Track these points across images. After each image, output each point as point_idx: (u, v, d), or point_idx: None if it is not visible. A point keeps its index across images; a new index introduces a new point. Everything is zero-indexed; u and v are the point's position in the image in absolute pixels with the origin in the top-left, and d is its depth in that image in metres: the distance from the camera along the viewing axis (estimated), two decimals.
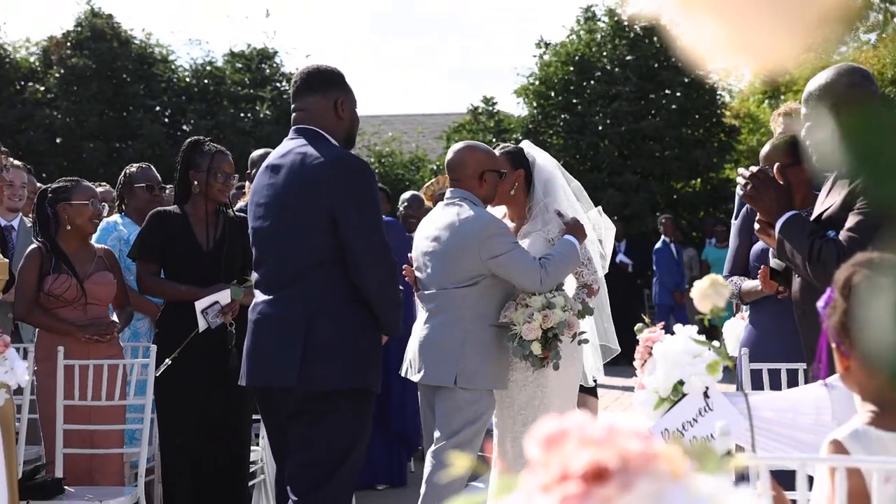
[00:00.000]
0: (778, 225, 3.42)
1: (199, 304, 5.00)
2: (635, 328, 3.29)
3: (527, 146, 5.22)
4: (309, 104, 4.08)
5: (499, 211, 5.16)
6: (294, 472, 3.93)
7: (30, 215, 6.00)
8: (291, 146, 4.03)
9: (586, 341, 4.98)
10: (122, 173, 6.13)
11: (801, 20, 0.96)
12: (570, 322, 4.74)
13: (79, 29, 18.40)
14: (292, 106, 4.16)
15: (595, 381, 5.51)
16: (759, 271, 4.33)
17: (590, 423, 1.05)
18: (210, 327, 4.99)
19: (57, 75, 18.24)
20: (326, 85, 4.09)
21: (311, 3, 60.21)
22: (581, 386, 5.19)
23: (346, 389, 3.89)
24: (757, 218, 3.57)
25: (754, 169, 3.58)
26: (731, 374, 5.00)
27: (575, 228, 4.88)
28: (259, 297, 4.04)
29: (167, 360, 4.97)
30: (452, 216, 4.78)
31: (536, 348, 4.72)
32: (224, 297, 5.02)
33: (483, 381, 4.72)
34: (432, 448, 4.73)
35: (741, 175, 3.57)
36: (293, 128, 4.11)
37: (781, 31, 0.96)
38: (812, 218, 3.51)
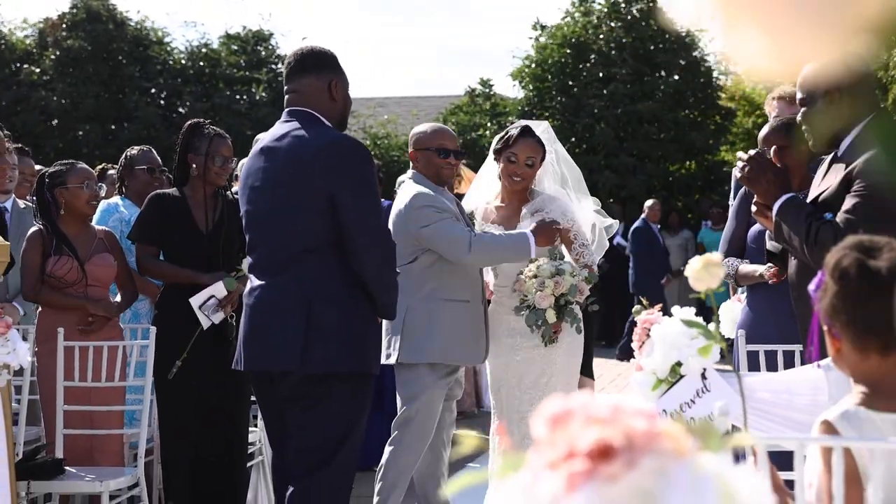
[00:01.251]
0: (775, 207, 3.44)
1: (195, 301, 5.00)
2: (633, 310, 3.32)
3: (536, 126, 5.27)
4: (303, 86, 4.03)
5: (490, 191, 5.22)
6: (294, 457, 3.92)
7: (26, 197, 6.02)
8: (286, 129, 3.98)
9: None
10: (123, 155, 6.15)
11: (841, 27, 0.98)
12: (580, 287, 4.81)
13: (74, 10, 18.36)
14: (285, 87, 4.11)
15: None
16: (770, 273, 4.33)
17: (595, 402, 1.08)
18: (213, 323, 5.02)
19: (52, 57, 18.20)
20: (320, 66, 4.05)
21: None
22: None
23: (347, 373, 3.89)
24: (754, 200, 3.59)
25: (752, 152, 3.60)
26: (727, 356, 5.03)
27: (541, 229, 4.90)
28: (254, 281, 4.01)
29: (177, 363, 5.00)
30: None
31: (551, 315, 4.78)
32: (218, 290, 5.03)
33: (425, 356, 4.81)
34: None
35: (739, 158, 3.59)
36: (286, 110, 4.06)
37: (821, 38, 0.98)
38: (808, 200, 3.53)
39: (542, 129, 5.31)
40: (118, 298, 5.40)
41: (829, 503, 1.95)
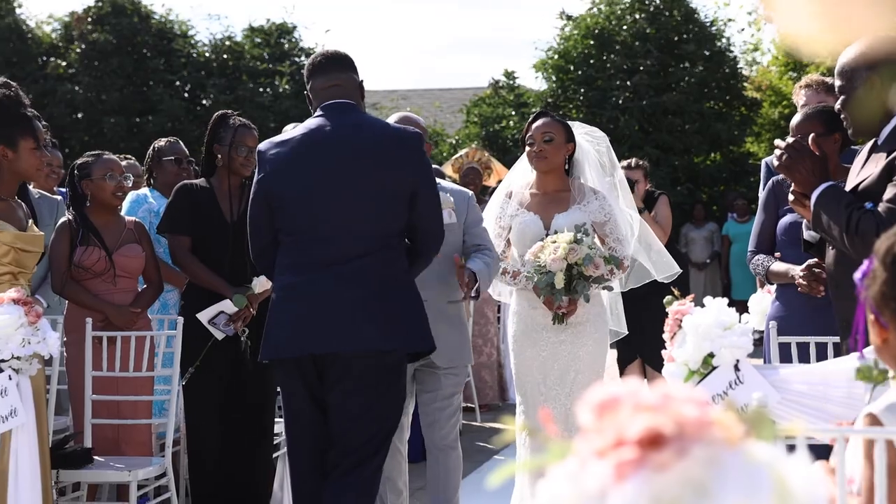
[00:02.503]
0: (814, 196, 3.39)
1: (203, 317, 5.03)
2: (664, 301, 3.29)
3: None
4: (343, 80, 4.11)
5: (522, 177, 5.20)
6: (351, 442, 3.93)
7: (54, 189, 6.06)
8: (343, 120, 4.01)
9: (610, 289, 5.01)
10: (151, 147, 6.18)
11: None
12: (595, 262, 4.77)
13: (100, 4, 18.41)
14: (317, 83, 4.10)
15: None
16: (801, 280, 4.30)
17: (643, 389, 1.06)
18: (227, 335, 5.04)
19: (78, 50, 18.27)
20: (351, 66, 4.19)
21: None
22: None
23: (421, 353, 4.14)
24: (791, 189, 3.54)
25: (790, 139, 3.55)
26: (759, 348, 5.00)
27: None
28: (315, 271, 3.94)
29: (190, 369, 5.04)
30: None
31: (559, 280, 4.75)
32: (227, 306, 5.04)
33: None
34: None
35: (777, 145, 3.54)
36: (334, 101, 4.06)
37: (874, 9, 0.96)
38: (847, 189, 3.48)
39: (584, 131, 5.33)
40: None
41: (869, 496, 1.92)
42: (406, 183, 3.96)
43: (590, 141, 5.32)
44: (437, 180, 4.79)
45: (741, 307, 4.92)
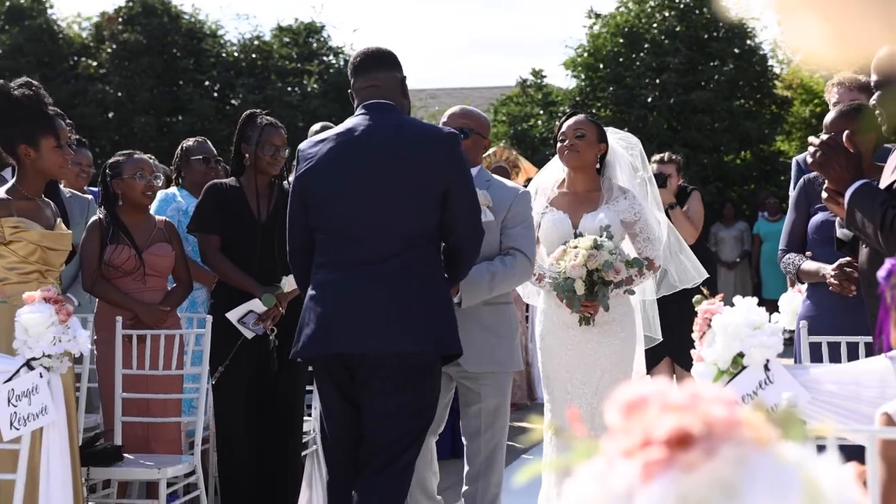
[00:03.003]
0: (848, 193, 3.35)
1: (232, 316, 5.04)
2: (693, 300, 3.27)
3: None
4: (381, 80, 4.09)
5: (552, 175, 5.19)
6: (384, 440, 3.93)
7: (84, 188, 6.10)
8: (381, 120, 4.01)
9: (632, 292, 4.97)
10: (179, 147, 6.22)
11: None
12: (616, 267, 4.74)
13: (130, 4, 18.53)
14: (358, 83, 4.11)
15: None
16: (833, 281, 4.26)
17: (671, 389, 1.05)
18: (257, 334, 5.05)
19: (109, 51, 18.40)
20: (393, 64, 4.15)
21: None
22: None
23: (450, 356, 4.06)
24: (825, 186, 3.50)
25: (824, 136, 3.52)
26: (790, 348, 4.96)
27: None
28: (340, 270, 3.95)
29: (220, 368, 5.05)
30: None
31: (579, 286, 4.72)
32: (256, 305, 5.05)
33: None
34: None
35: (811, 142, 3.51)
36: (371, 102, 4.06)
37: (886, 26, 0.95)
38: (881, 187, 3.44)
39: (618, 136, 5.31)
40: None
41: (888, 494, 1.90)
42: (439, 183, 3.94)
43: (624, 146, 5.30)
44: (499, 178, 4.76)
45: (771, 306, 4.88)
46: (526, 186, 5.42)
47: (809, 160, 3.55)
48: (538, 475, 1.03)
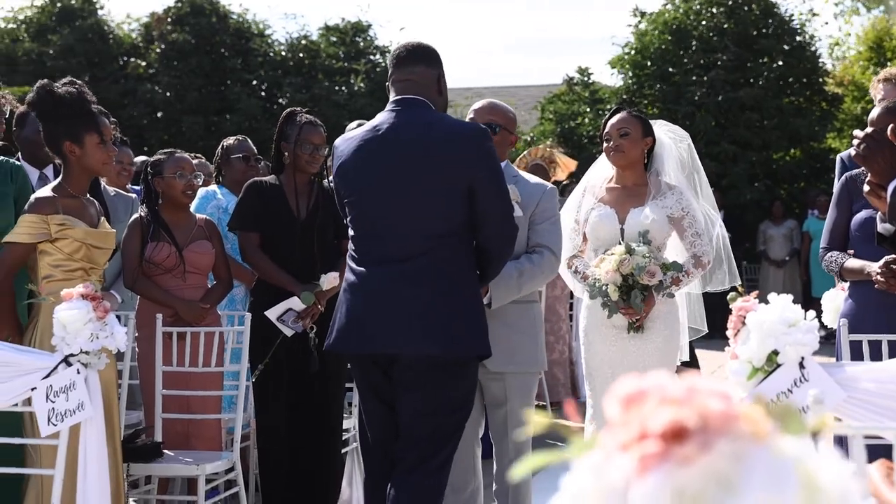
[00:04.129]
0: (891, 187, 3.30)
1: (271, 314, 5.05)
2: (728, 297, 3.23)
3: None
4: (417, 74, 4.05)
5: (600, 173, 5.15)
6: (416, 438, 3.92)
7: (126, 186, 6.17)
8: (412, 117, 3.98)
9: (671, 296, 4.91)
10: (220, 145, 6.26)
11: None
12: (650, 270, 4.70)
13: (179, 5, 18.70)
14: (395, 76, 4.09)
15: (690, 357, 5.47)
16: (879, 277, 4.19)
17: (671, 382, 1.03)
18: (297, 332, 5.07)
19: (158, 51, 18.59)
20: (432, 59, 4.11)
21: None
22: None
23: (477, 357, 4.00)
24: (867, 179, 3.45)
25: (869, 129, 3.46)
26: (829, 346, 4.89)
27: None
28: (372, 266, 3.94)
29: (259, 366, 5.08)
30: None
31: (613, 292, 4.70)
32: (295, 303, 5.06)
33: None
34: None
35: (854, 135, 3.46)
36: (402, 97, 4.03)
37: None
38: None
39: (666, 128, 5.26)
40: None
41: None
42: (465, 179, 3.89)
43: (672, 138, 5.25)
44: (525, 175, 4.70)
45: (821, 306, 4.83)
46: (567, 181, 5.40)
47: (853, 153, 3.50)
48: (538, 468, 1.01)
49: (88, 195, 4.45)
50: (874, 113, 4.30)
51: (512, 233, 4.07)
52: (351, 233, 4.05)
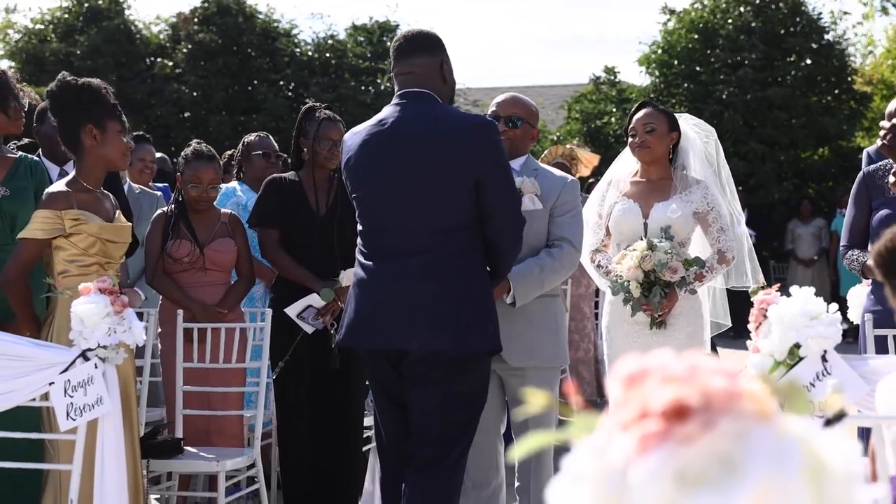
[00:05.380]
0: None
1: (291, 311, 5.02)
2: (749, 291, 3.19)
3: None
4: (418, 66, 3.98)
5: (625, 167, 5.11)
6: (428, 435, 3.88)
7: (148, 183, 6.19)
8: (418, 111, 3.93)
9: (694, 292, 4.85)
10: (241, 142, 6.26)
11: None
12: (672, 266, 4.65)
13: (206, 5, 18.77)
14: (397, 68, 4.04)
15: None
16: None
17: (673, 360, 1.00)
18: (317, 329, 5.05)
19: (185, 51, 18.66)
20: (433, 47, 4.03)
21: None
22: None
23: (486, 353, 3.95)
24: (893, 171, 3.41)
25: None
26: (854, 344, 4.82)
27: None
28: (381, 261, 3.91)
29: (280, 363, 5.06)
30: None
31: (635, 289, 4.66)
32: (315, 300, 5.03)
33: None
34: None
35: (881, 126, 3.42)
36: (405, 90, 3.98)
37: None
38: None
39: (692, 122, 5.21)
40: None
41: None
42: (473, 172, 3.83)
43: (697, 132, 5.20)
44: (546, 167, 4.65)
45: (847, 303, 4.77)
46: (591, 177, 5.36)
47: (879, 143, 3.46)
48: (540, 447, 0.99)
49: (104, 190, 4.42)
50: (892, 105, 4.25)
51: (520, 226, 4.01)
52: (359, 227, 4.03)
